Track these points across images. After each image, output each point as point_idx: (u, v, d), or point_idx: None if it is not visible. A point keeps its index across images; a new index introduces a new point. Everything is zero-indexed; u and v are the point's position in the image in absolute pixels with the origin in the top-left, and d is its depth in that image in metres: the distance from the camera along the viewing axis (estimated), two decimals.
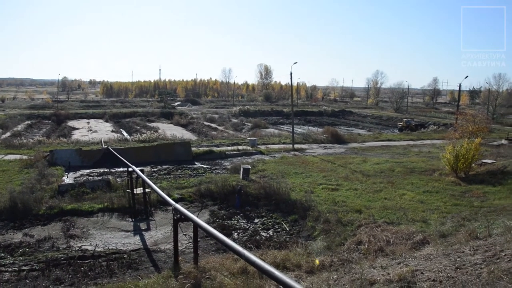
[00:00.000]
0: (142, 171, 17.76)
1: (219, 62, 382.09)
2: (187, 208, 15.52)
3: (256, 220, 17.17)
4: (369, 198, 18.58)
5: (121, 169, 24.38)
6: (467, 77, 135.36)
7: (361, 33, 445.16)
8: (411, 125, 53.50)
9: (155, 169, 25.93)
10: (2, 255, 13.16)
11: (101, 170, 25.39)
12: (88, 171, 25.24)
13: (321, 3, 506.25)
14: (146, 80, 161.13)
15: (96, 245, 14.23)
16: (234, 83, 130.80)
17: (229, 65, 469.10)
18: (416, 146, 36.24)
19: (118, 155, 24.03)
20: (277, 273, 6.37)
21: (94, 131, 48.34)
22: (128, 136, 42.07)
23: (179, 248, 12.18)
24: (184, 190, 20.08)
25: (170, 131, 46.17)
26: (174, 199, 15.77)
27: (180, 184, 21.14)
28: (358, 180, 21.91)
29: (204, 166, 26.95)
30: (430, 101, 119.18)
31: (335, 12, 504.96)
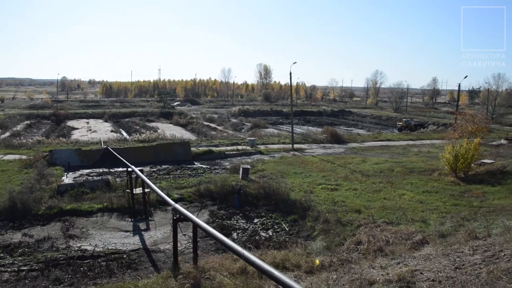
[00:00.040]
0: (141, 171, 17.73)
1: (218, 62, 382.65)
2: (187, 208, 15.51)
3: (256, 220, 17.17)
4: (368, 198, 18.59)
5: (121, 169, 24.38)
6: (467, 77, 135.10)
7: (361, 33, 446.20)
8: (410, 125, 53.51)
9: (154, 169, 25.92)
10: (1, 255, 13.13)
11: (101, 170, 25.37)
12: (88, 171, 25.23)
13: (321, 3, 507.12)
14: (146, 80, 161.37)
15: (96, 245, 14.21)
16: (234, 83, 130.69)
17: (228, 65, 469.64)
18: (415, 146, 36.24)
19: (118, 155, 24.05)
20: (276, 273, 6.37)
21: (93, 131, 48.32)
22: (127, 136, 42.05)
23: (179, 248, 12.18)
24: (184, 190, 20.06)
25: (169, 131, 46.14)
26: (173, 199, 15.75)
27: (180, 184, 21.13)
28: (358, 180, 21.91)
29: (204, 166, 26.94)
30: (430, 101, 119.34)
31: (335, 12, 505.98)
